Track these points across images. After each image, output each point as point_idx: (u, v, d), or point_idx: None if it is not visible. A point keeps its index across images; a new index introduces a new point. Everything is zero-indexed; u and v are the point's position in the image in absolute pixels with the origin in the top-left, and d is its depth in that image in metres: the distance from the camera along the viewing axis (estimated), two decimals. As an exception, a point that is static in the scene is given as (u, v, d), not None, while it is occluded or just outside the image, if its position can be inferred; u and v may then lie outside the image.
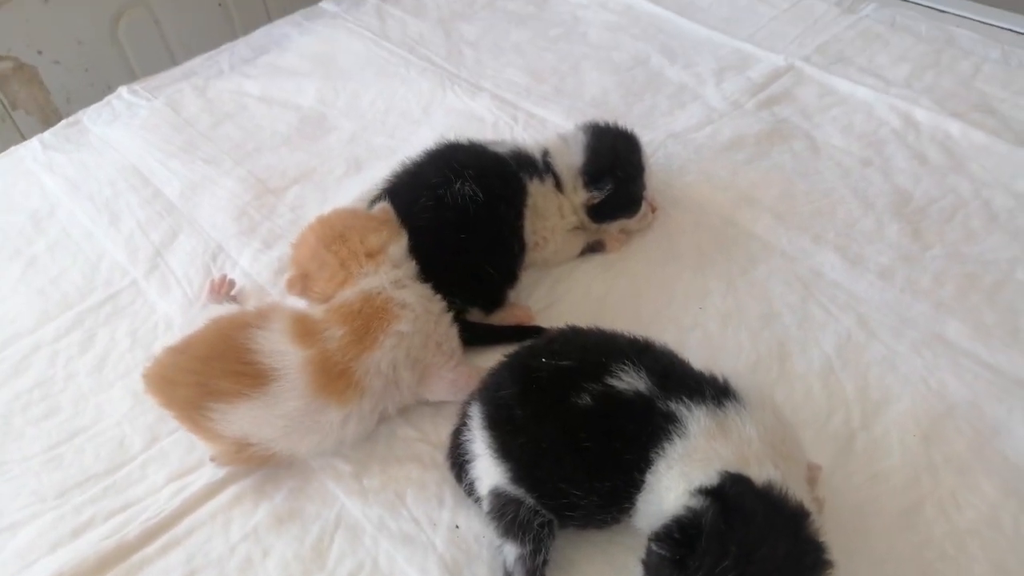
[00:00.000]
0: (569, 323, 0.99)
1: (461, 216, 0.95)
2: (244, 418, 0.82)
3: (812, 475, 0.81)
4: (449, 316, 0.91)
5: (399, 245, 0.91)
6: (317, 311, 0.87)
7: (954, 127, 1.25)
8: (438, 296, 0.91)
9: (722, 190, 1.17)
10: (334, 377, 0.83)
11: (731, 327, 1.00)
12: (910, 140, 1.24)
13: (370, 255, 0.88)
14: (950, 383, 0.92)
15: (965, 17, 1.49)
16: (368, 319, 0.85)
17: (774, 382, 0.94)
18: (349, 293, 0.86)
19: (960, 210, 1.13)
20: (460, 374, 0.89)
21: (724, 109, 1.32)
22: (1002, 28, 1.46)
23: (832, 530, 0.71)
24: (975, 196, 1.14)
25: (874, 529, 0.80)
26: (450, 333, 0.91)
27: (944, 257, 1.06)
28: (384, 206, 0.94)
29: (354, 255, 0.88)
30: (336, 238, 0.89)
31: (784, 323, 1.00)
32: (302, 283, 0.90)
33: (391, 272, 0.88)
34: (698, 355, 0.84)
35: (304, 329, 0.85)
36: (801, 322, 1.00)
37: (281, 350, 0.83)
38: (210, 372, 0.82)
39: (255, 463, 0.86)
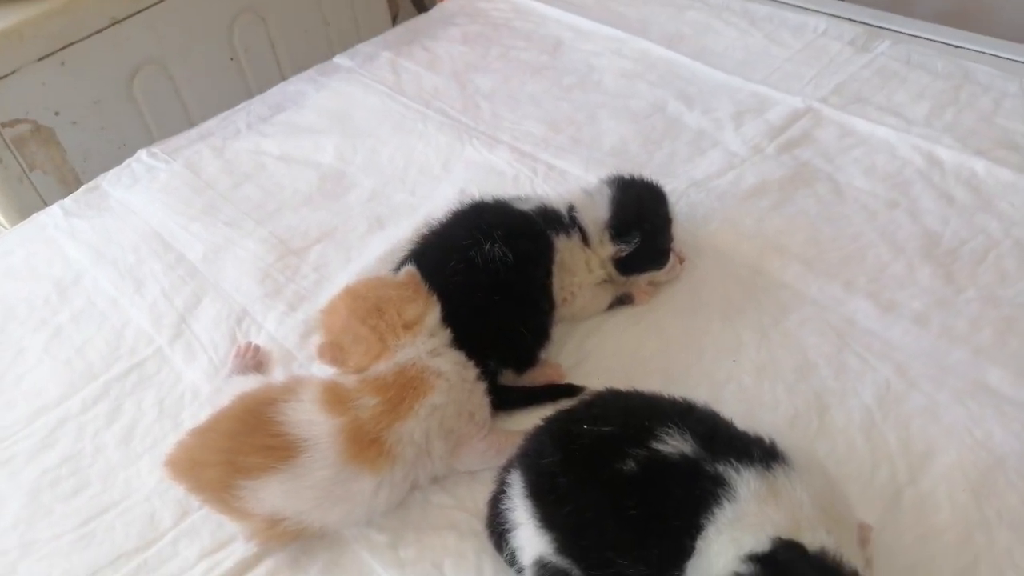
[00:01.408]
0: (600, 379, 0.99)
1: (492, 278, 0.94)
2: (275, 493, 0.80)
3: (863, 535, 0.78)
4: (482, 385, 0.90)
5: (434, 313, 0.90)
6: (349, 380, 0.86)
7: (979, 165, 1.23)
8: (472, 363, 0.90)
9: (748, 238, 1.16)
10: (365, 445, 0.82)
11: (766, 380, 0.98)
12: (935, 180, 1.23)
13: (407, 327, 0.87)
14: (996, 433, 0.90)
15: (980, 52, 1.49)
16: (402, 389, 0.84)
17: (814, 436, 0.92)
18: (384, 367, 0.85)
19: (992, 250, 1.11)
20: (491, 443, 0.88)
21: (745, 154, 1.31)
22: (1018, 62, 1.45)
23: (887, 595, 0.69)
24: (1006, 235, 1.13)
25: (929, 591, 0.78)
26: (483, 402, 0.90)
27: (979, 300, 1.05)
28: (411, 270, 0.93)
29: (391, 328, 0.86)
30: (371, 311, 0.87)
31: (820, 374, 0.98)
32: (333, 352, 0.89)
33: (427, 341, 0.87)
34: (734, 410, 0.82)
35: (335, 397, 0.84)
36: (838, 373, 0.98)
37: (311, 419, 0.82)
38: (238, 449, 0.81)
39: (287, 538, 0.84)
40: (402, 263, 1.01)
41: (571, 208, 1.06)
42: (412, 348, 0.86)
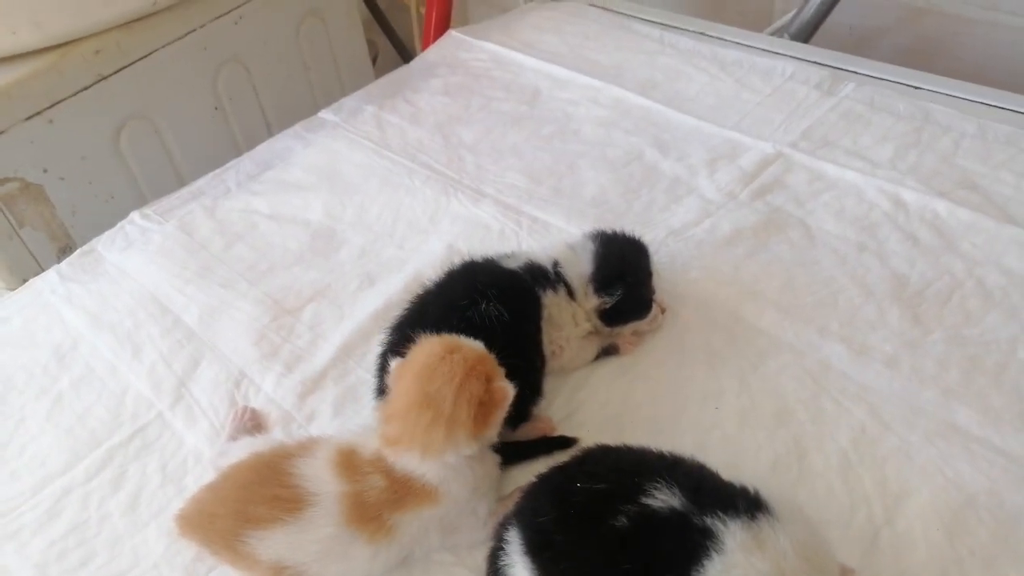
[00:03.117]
0: (591, 429, 1.04)
1: (489, 336, 0.97)
2: (280, 542, 0.84)
3: (845, 579, 0.83)
4: (496, 484, 0.92)
5: (461, 442, 0.85)
6: (368, 448, 0.88)
7: (941, 206, 1.29)
8: (498, 461, 0.92)
9: (726, 285, 1.21)
10: (367, 519, 0.85)
11: (748, 426, 1.02)
12: (901, 222, 1.29)
13: (424, 448, 0.84)
14: (966, 472, 0.95)
15: (939, 93, 1.55)
16: (406, 488, 0.85)
17: (795, 481, 0.96)
18: (394, 461, 0.86)
19: (956, 291, 1.16)
20: (490, 529, 0.90)
21: (720, 201, 1.36)
22: (974, 102, 1.52)
23: (870, 638, 0.73)
24: (968, 276, 1.19)
25: (909, 631, 0.82)
26: (490, 499, 0.92)
27: (945, 341, 1.10)
28: (508, 389, 0.87)
29: (412, 435, 0.84)
30: (423, 398, 0.84)
31: (799, 419, 1.02)
32: (393, 381, 0.89)
33: (438, 467, 0.85)
34: (719, 457, 0.87)
35: (348, 463, 0.87)
36: (815, 417, 1.02)
37: (321, 477, 0.86)
38: (249, 498, 0.85)
39: None
40: (402, 322, 1.05)
41: (556, 264, 1.11)
42: (418, 467, 0.85)
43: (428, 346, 0.87)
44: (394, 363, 0.89)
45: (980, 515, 0.91)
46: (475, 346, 0.88)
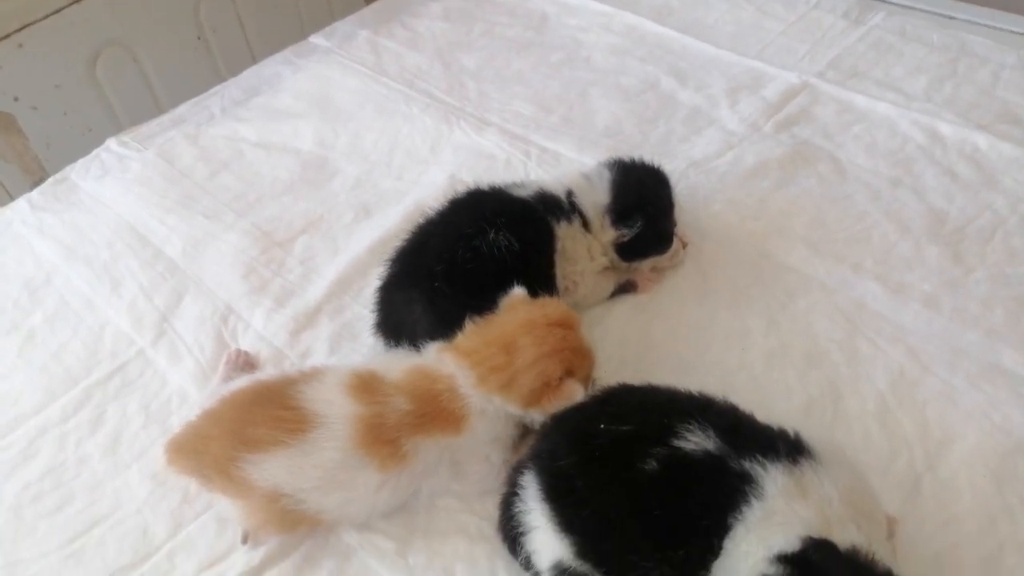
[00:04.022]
0: (608, 369, 0.96)
1: (499, 266, 0.90)
2: (279, 467, 0.77)
3: (890, 529, 0.76)
4: (511, 438, 0.86)
5: (516, 402, 0.82)
6: (392, 372, 0.83)
7: (981, 140, 1.21)
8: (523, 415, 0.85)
9: (751, 219, 1.13)
10: (381, 442, 0.79)
11: (777, 368, 0.96)
12: (937, 156, 1.21)
13: (480, 379, 0.82)
14: (1015, 416, 0.88)
15: (976, 23, 1.46)
16: (438, 411, 0.81)
17: (830, 425, 0.90)
18: (451, 371, 0.82)
19: (999, 228, 1.09)
20: (500, 476, 0.84)
21: (743, 133, 1.28)
22: (1015, 32, 1.43)
23: (912, 586, 0.67)
24: (1012, 212, 1.11)
25: (956, 582, 0.76)
26: (505, 447, 0.86)
27: (988, 280, 1.03)
28: (575, 393, 0.82)
29: (479, 361, 0.82)
30: (506, 343, 0.82)
31: (832, 360, 0.96)
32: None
33: (483, 402, 0.82)
34: (747, 399, 0.80)
35: (365, 386, 0.81)
36: (849, 359, 0.96)
37: (330, 399, 0.80)
38: (248, 419, 0.80)
39: (286, 525, 0.81)
40: (402, 253, 0.97)
41: (570, 193, 1.02)
42: (468, 388, 0.82)
43: (554, 306, 0.86)
44: (516, 290, 0.87)
45: (1031, 461, 0.84)
46: (586, 339, 0.87)
